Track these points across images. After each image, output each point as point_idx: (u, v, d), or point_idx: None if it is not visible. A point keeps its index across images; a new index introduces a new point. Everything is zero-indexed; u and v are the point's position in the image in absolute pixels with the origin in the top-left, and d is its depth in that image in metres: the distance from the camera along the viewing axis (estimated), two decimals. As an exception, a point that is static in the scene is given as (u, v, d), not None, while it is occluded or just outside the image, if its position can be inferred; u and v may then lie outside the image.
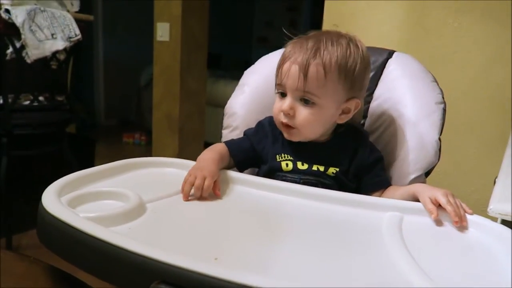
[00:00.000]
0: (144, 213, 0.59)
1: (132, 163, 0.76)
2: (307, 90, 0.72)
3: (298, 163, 0.78)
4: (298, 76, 0.72)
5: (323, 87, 0.72)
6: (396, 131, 0.84)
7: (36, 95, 1.80)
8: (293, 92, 0.74)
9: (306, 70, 0.71)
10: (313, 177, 0.77)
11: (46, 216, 0.52)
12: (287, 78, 0.73)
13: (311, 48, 0.72)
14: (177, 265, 0.42)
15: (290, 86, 0.74)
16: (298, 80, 0.72)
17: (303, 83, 0.72)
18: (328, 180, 0.77)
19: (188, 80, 2.75)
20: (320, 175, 0.77)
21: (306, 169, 0.77)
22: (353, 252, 0.54)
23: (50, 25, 1.74)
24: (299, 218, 0.63)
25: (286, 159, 0.79)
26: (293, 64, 0.73)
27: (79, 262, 0.49)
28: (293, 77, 0.72)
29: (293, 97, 0.74)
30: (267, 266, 0.48)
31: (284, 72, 0.74)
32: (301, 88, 0.72)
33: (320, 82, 0.72)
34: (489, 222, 0.61)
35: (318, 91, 0.72)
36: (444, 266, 0.51)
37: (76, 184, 0.64)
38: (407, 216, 0.64)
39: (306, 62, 0.71)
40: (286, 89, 0.75)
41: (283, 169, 0.78)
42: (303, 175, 0.77)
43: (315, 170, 0.77)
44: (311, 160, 0.78)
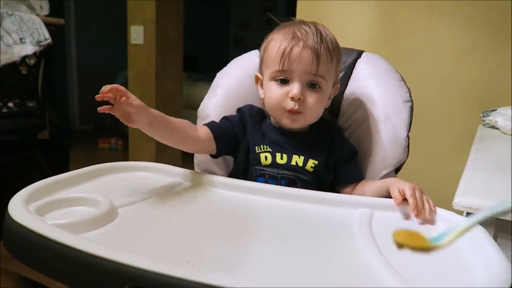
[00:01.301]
0: (116, 218, 0.58)
1: (104, 168, 0.76)
2: (319, 73, 0.75)
3: (277, 156, 0.78)
4: (312, 59, 0.74)
5: (329, 71, 0.77)
6: (366, 129, 0.85)
7: (6, 101, 1.76)
8: (302, 76, 0.75)
9: (319, 54, 0.74)
10: (291, 172, 0.77)
11: (12, 225, 0.51)
12: (298, 62, 0.74)
13: (316, 33, 0.75)
14: (149, 270, 0.42)
15: (301, 70, 0.75)
16: (312, 63, 0.74)
17: (316, 66, 0.74)
18: (306, 175, 0.78)
19: (164, 83, 2.73)
20: (298, 170, 0.78)
21: (285, 164, 0.78)
22: (324, 251, 0.54)
23: (19, 29, 1.70)
24: (270, 218, 0.64)
25: (265, 150, 0.79)
26: (304, 49, 0.74)
27: (48, 270, 0.48)
28: (306, 61, 0.74)
29: (300, 81, 0.75)
30: (240, 267, 0.49)
31: (294, 57, 0.74)
32: (314, 71, 0.74)
33: (328, 66, 0.76)
34: (455, 216, 0.63)
35: (326, 74, 0.76)
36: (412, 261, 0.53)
37: (45, 191, 0.63)
38: (377, 212, 0.65)
39: (318, 46, 0.74)
40: (293, 75, 0.75)
41: (262, 162, 0.78)
42: (281, 169, 0.77)
43: (293, 165, 0.78)
44: (290, 150, 0.79)
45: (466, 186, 0.71)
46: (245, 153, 0.81)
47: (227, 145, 0.80)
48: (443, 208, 0.66)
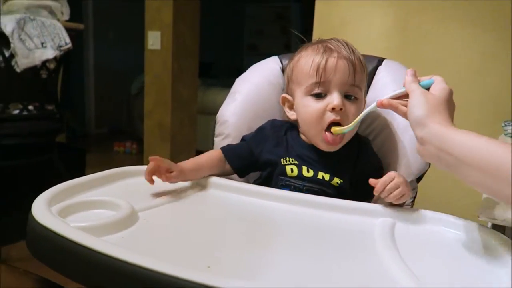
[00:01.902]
0: (136, 222, 0.58)
1: (123, 172, 0.76)
2: (356, 83, 0.75)
3: (303, 169, 0.77)
4: (349, 69, 0.74)
5: (363, 82, 0.77)
6: (387, 137, 0.84)
7: (26, 104, 1.79)
8: (341, 86, 0.74)
9: (354, 63, 0.75)
10: (317, 186, 0.76)
11: (36, 226, 0.51)
12: (335, 73, 0.74)
13: (345, 45, 0.76)
14: (170, 274, 0.42)
15: (339, 80, 0.74)
16: (349, 73, 0.74)
17: (353, 75, 0.74)
18: (331, 189, 0.76)
19: (180, 89, 2.76)
20: (324, 184, 0.76)
21: (311, 177, 0.76)
22: (346, 259, 0.54)
23: (40, 34, 1.73)
24: (291, 225, 0.63)
25: (291, 163, 0.78)
26: (339, 59, 0.75)
27: (70, 272, 0.48)
28: (343, 71, 0.74)
29: (339, 92, 0.74)
30: (260, 273, 0.48)
31: (331, 68, 0.74)
32: (351, 81, 0.75)
33: (363, 76, 0.77)
34: (479, 226, 0.61)
35: (362, 85, 0.77)
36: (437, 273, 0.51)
37: (66, 194, 0.63)
38: (399, 223, 0.64)
39: (352, 56, 0.75)
40: (331, 86, 0.74)
41: (288, 174, 0.77)
42: (307, 182, 0.76)
43: (320, 179, 0.76)
44: (317, 167, 0.77)
45: (490, 198, 0.70)
46: (268, 167, 0.80)
47: (244, 166, 0.82)
48: (466, 218, 0.64)
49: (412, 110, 0.60)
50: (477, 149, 0.51)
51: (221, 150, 0.82)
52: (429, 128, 0.57)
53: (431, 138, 0.56)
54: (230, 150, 0.83)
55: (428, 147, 0.57)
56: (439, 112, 0.58)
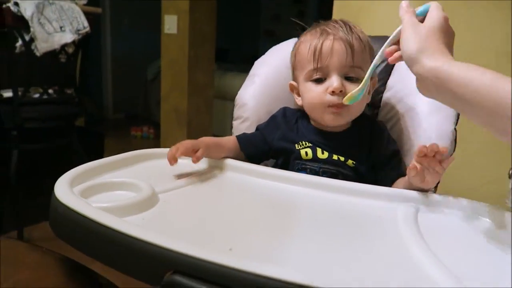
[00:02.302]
0: (157, 203, 0.58)
1: (143, 154, 0.76)
2: (356, 64, 0.73)
3: (318, 151, 0.77)
4: (346, 50, 0.72)
5: (364, 62, 0.74)
6: (410, 121, 0.82)
7: (46, 88, 1.81)
8: (339, 69, 0.73)
9: (352, 44, 0.72)
10: (333, 167, 0.76)
11: (59, 207, 0.52)
12: (331, 56, 0.73)
13: (343, 26, 0.74)
14: (192, 255, 0.42)
15: (336, 63, 0.73)
16: (346, 54, 0.72)
17: (351, 57, 0.72)
18: (348, 170, 0.76)
19: (196, 73, 2.75)
20: (340, 164, 0.76)
21: (326, 158, 0.76)
22: (369, 244, 0.53)
23: (59, 18, 1.74)
24: (312, 209, 0.63)
25: (305, 146, 0.78)
26: (335, 41, 0.73)
27: (92, 252, 0.49)
28: (340, 53, 0.73)
29: (338, 75, 0.73)
30: (282, 257, 0.48)
31: (327, 52, 0.73)
32: (349, 62, 0.73)
33: (363, 55, 0.74)
34: (508, 214, 0.59)
35: (363, 64, 0.74)
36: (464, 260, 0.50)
37: (87, 175, 0.64)
38: (423, 207, 0.63)
39: (349, 37, 0.72)
40: (329, 69, 0.74)
41: (303, 157, 0.77)
42: (323, 164, 0.76)
43: (335, 159, 0.76)
44: (331, 149, 0.77)
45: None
46: (282, 153, 0.80)
47: (258, 155, 0.82)
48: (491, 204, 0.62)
49: (403, 46, 0.56)
50: (474, 84, 0.48)
51: (236, 137, 0.82)
52: (423, 63, 0.53)
53: (426, 75, 0.53)
54: (244, 137, 0.83)
55: (425, 84, 0.54)
56: (431, 43, 0.54)
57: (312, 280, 0.38)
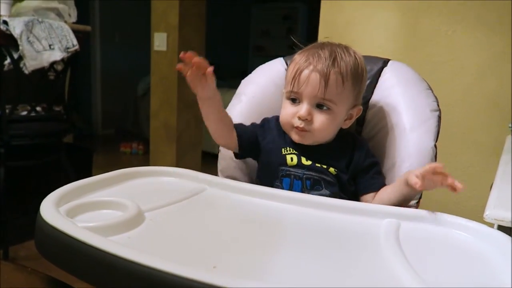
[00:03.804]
0: (143, 222, 0.59)
1: (130, 173, 0.77)
2: (327, 97, 0.76)
3: (302, 158, 0.80)
4: (319, 83, 0.75)
5: (340, 94, 0.77)
6: (392, 138, 0.84)
7: (34, 106, 1.81)
8: (310, 98, 0.77)
9: (327, 78, 0.75)
10: (316, 173, 0.79)
11: (44, 226, 0.52)
12: (306, 85, 0.76)
13: (329, 57, 0.76)
14: (176, 274, 0.42)
15: (309, 93, 0.76)
16: (319, 87, 0.75)
17: (323, 90, 0.75)
18: (330, 177, 0.79)
19: (186, 89, 2.76)
20: (323, 171, 0.79)
21: (310, 165, 0.79)
22: (351, 260, 0.54)
23: (48, 36, 1.75)
24: (296, 225, 0.64)
25: (291, 152, 0.81)
26: (313, 72, 0.76)
27: (78, 272, 0.49)
28: (314, 85, 0.76)
29: (310, 103, 0.77)
30: (266, 273, 0.49)
31: (303, 80, 0.77)
32: (321, 95, 0.76)
33: (338, 90, 0.76)
34: (486, 228, 0.61)
35: (336, 98, 0.76)
36: (444, 274, 0.51)
37: (74, 194, 0.64)
38: (404, 223, 0.64)
39: (327, 70, 0.75)
40: (302, 96, 0.77)
41: (288, 163, 0.80)
42: (306, 170, 0.79)
43: (318, 166, 0.79)
44: (314, 158, 0.80)
45: (497, 199, 0.69)
46: (269, 156, 0.83)
47: (248, 144, 0.84)
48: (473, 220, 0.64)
49: None
50: None
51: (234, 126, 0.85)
52: None
53: None
54: (240, 125, 0.86)
55: None
56: None
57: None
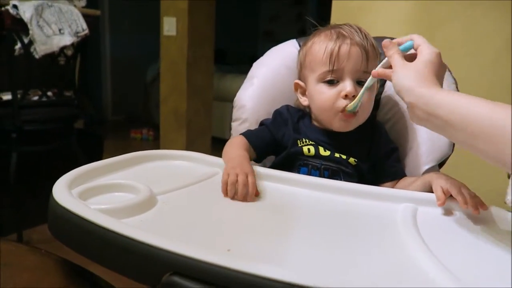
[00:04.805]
0: (155, 205, 0.58)
1: (142, 156, 0.76)
2: (369, 70, 0.72)
3: (320, 148, 0.77)
4: (361, 56, 0.73)
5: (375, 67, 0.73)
6: (408, 122, 0.82)
7: (45, 91, 1.81)
8: (353, 73, 0.74)
9: (367, 49, 0.73)
10: (334, 164, 0.76)
11: (57, 209, 0.52)
12: (348, 60, 0.73)
13: (359, 31, 0.75)
14: (190, 256, 0.42)
15: (351, 67, 0.74)
16: (362, 60, 0.73)
17: (366, 63, 0.73)
18: (349, 168, 0.76)
19: (195, 75, 2.75)
20: (342, 162, 0.76)
21: (328, 155, 0.77)
22: (369, 245, 0.53)
23: (58, 20, 1.74)
24: (312, 210, 0.63)
25: (308, 143, 0.78)
26: (352, 46, 0.74)
27: (90, 254, 0.49)
28: (356, 58, 0.73)
29: (352, 79, 0.74)
30: (281, 257, 0.48)
31: (344, 55, 0.73)
32: (364, 68, 0.74)
33: (375, 62, 0.74)
34: (505, 212, 0.60)
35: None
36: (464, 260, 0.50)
37: (86, 177, 0.64)
38: (421, 208, 0.63)
39: (365, 43, 0.73)
40: (344, 73, 0.74)
41: (305, 153, 0.77)
42: (324, 161, 0.76)
43: (337, 157, 0.76)
44: (333, 148, 0.77)
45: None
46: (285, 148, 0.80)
47: (266, 150, 0.82)
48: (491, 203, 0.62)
49: (395, 82, 0.61)
50: (462, 110, 0.51)
51: (244, 136, 0.81)
52: (415, 92, 0.57)
53: (418, 102, 0.56)
54: (253, 135, 0.81)
55: (416, 111, 0.57)
56: (425, 78, 0.58)
57: (311, 280, 0.38)
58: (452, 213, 0.63)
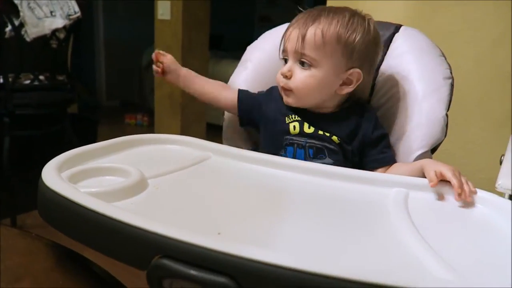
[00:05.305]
0: (146, 188, 0.58)
1: (134, 140, 0.75)
2: (304, 52, 0.75)
3: (305, 125, 0.79)
4: (297, 38, 0.75)
5: (320, 51, 0.75)
6: (402, 106, 0.82)
7: (37, 75, 1.79)
8: (292, 54, 0.77)
9: (304, 32, 0.75)
10: (318, 141, 0.78)
11: (46, 192, 0.51)
12: (288, 41, 0.78)
13: (313, 15, 0.76)
14: (180, 239, 0.41)
15: (290, 48, 0.77)
16: (297, 42, 0.75)
17: (300, 45, 0.75)
18: (333, 145, 0.77)
19: (190, 60, 2.72)
20: (325, 139, 0.78)
21: (312, 133, 0.78)
22: (359, 228, 0.53)
23: (49, 3, 1.71)
24: (303, 194, 0.63)
25: (294, 120, 0.80)
26: (294, 29, 0.77)
27: (80, 237, 0.48)
28: (293, 40, 0.76)
29: (292, 60, 0.78)
30: (271, 241, 0.48)
31: (286, 37, 0.78)
32: (298, 49, 0.76)
33: (317, 45, 0.75)
34: (496, 197, 0.60)
35: (315, 53, 0.75)
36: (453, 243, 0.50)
37: (77, 160, 0.63)
38: (412, 192, 0.63)
39: (305, 26, 0.76)
40: (288, 54, 0.78)
41: (291, 131, 0.79)
42: (309, 138, 0.78)
43: (321, 134, 0.78)
44: (317, 126, 0.79)
45: (509, 168, 0.68)
46: (272, 124, 0.81)
47: (249, 110, 0.85)
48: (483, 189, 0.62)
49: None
50: None
51: (238, 91, 0.87)
52: None
53: None
54: (245, 92, 0.88)
55: None
56: None
57: (302, 263, 0.38)
58: (443, 197, 0.63)
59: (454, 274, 0.41)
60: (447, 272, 0.41)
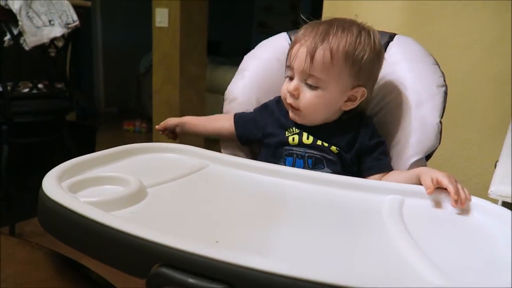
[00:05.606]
0: (145, 197, 0.59)
1: (133, 149, 0.76)
2: (312, 73, 0.74)
3: (304, 136, 0.80)
4: (305, 58, 0.74)
5: (328, 72, 0.74)
6: (397, 114, 0.83)
7: (35, 83, 1.79)
8: (299, 74, 0.76)
9: (313, 53, 0.74)
10: (317, 152, 0.79)
11: (47, 201, 0.52)
12: (295, 60, 0.76)
13: (321, 32, 0.75)
14: (178, 248, 0.42)
15: (297, 68, 0.76)
16: (305, 62, 0.74)
17: (309, 65, 0.74)
18: (332, 156, 0.78)
19: (188, 66, 2.73)
20: (324, 150, 0.78)
21: (310, 143, 0.79)
22: (354, 236, 0.54)
23: (48, 11, 1.72)
24: (300, 202, 0.63)
25: (294, 132, 0.81)
26: (301, 47, 0.76)
27: (80, 246, 0.49)
28: (300, 59, 0.75)
29: (299, 79, 0.77)
30: (268, 249, 0.48)
31: (293, 54, 0.77)
32: (306, 70, 0.75)
33: (325, 66, 0.74)
34: (490, 204, 0.61)
35: (323, 75, 0.74)
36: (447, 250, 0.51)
37: (76, 170, 0.64)
38: (408, 199, 0.64)
39: (314, 46, 0.74)
40: (294, 72, 0.77)
41: (290, 142, 0.80)
42: (308, 148, 0.79)
43: (319, 145, 0.79)
44: (315, 136, 0.80)
45: (502, 175, 0.69)
46: (272, 137, 0.82)
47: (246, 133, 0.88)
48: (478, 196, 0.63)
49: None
50: None
51: (234, 117, 0.89)
52: None
53: None
54: (239, 116, 0.90)
55: None
56: None
57: (299, 271, 0.39)
58: (439, 204, 0.64)
59: (447, 280, 0.42)
60: (440, 278, 0.42)
